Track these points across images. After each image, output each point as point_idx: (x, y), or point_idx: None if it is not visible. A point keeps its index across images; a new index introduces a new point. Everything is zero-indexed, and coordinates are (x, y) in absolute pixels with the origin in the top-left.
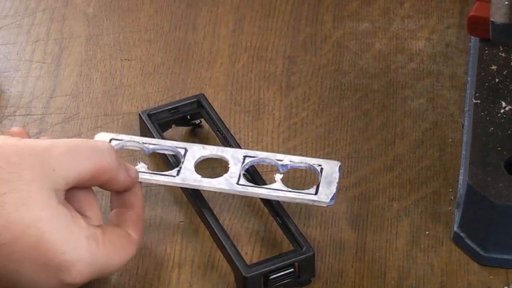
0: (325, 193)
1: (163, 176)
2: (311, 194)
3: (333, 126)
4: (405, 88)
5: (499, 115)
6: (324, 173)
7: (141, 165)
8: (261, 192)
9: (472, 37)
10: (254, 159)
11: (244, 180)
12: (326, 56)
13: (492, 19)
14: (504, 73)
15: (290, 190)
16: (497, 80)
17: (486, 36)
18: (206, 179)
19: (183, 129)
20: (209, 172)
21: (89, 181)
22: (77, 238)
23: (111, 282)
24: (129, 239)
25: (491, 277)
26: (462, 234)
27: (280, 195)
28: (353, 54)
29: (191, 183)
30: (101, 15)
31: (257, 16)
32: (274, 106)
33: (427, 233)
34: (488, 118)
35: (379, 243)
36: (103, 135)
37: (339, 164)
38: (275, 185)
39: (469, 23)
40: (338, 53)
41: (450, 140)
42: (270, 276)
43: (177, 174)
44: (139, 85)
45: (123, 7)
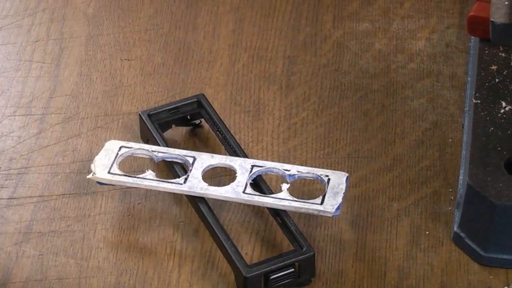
0: (330, 203)
1: (170, 184)
2: (316, 204)
3: (333, 126)
4: (405, 88)
5: (499, 115)
6: (331, 184)
7: (149, 172)
8: (267, 201)
9: (472, 37)
10: (262, 168)
11: (250, 189)
12: (326, 56)
13: (492, 19)
14: (504, 73)
15: (296, 199)
16: (497, 80)
17: (486, 36)
18: (213, 187)
19: (183, 129)
20: (216, 181)
21: None
22: None
23: (111, 282)
24: None
25: (491, 277)
26: (462, 234)
27: (286, 204)
28: (353, 54)
29: (197, 191)
30: (101, 15)
31: (257, 16)
32: (274, 106)
33: (427, 233)
34: (488, 118)
35: (379, 243)
36: (113, 143)
37: (347, 175)
38: (281, 195)
39: (469, 23)
40: (338, 53)
41: (450, 140)
42: (270, 276)
43: (184, 182)
44: (139, 85)
45: (123, 7)
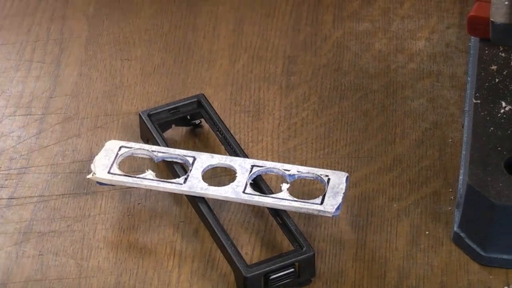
0: (330, 203)
1: (170, 184)
2: (316, 204)
3: (333, 126)
4: (405, 88)
5: (499, 115)
6: (331, 184)
7: (149, 172)
8: (267, 201)
9: (472, 37)
10: (262, 168)
11: (250, 189)
12: (326, 56)
13: (492, 19)
14: (504, 73)
15: (296, 199)
16: (497, 80)
17: (486, 36)
18: (213, 187)
19: (183, 129)
20: (216, 181)
21: None
22: None
23: (111, 282)
24: None
25: (491, 277)
26: (462, 234)
27: (285, 204)
28: (353, 54)
29: (197, 191)
30: (101, 15)
31: (257, 16)
32: (274, 106)
33: (427, 233)
34: (488, 118)
35: (379, 243)
36: (112, 143)
37: (347, 175)
38: (281, 195)
39: (469, 23)
40: (338, 53)
41: (450, 140)
42: (270, 276)
43: (184, 182)
44: (139, 85)
45: (123, 7)
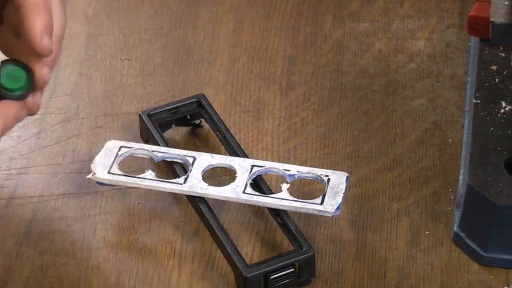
0: (330, 203)
1: (170, 184)
2: (316, 204)
3: (333, 126)
4: (405, 88)
5: (499, 115)
6: (331, 184)
7: (149, 172)
8: (267, 201)
9: (472, 37)
10: (262, 168)
11: (250, 189)
12: (326, 56)
13: (492, 19)
14: (504, 73)
15: (296, 199)
16: (497, 80)
17: (486, 36)
18: (213, 188)
19: (183, 129)
20: (216, 181)
21: None
22: None
23: (111, 282)
24: None
25: (491, 277)
26: (462, 234)
27: (285, 204)
28: (353, 54)
29: (197, 191)
30: (101, 15)
31: (257, 16)
32: (274, 106)
33: (427, 233)
34: (488, 118)
35: (379, 243)
36: (112, 143)
37: (347, 175)
38: (281, 195)
39: (469, 23)
40: (338, 53)
41: (450, 140)
42: (270, 276)
43: (184, 182)
44: (139, 85)
45: (123, 7)
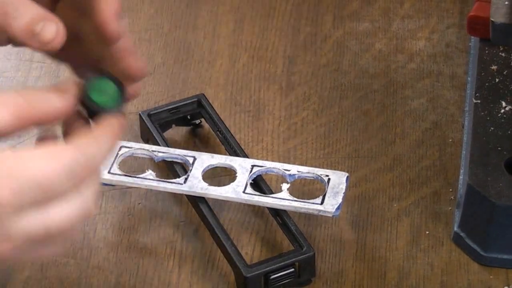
0: (331, 203)
1: (170, 184)
2: (317, 204)
3: (333, 126)
4: (405, 88)
5: (499, 115)
6: (331, 184)
7: (149, 172)
8: (267, 201)
9: (472, 37)
10: (262, 168)
11: (250, 189)
12: (326, 56)
13: (492, 19)
14: (504, 73)
15: (296, 199)
16: (497, 80)
17: (486, 36)
18: (213, 187)
19: (183, 129)
20: (216, 181)
21: None
22: None
23: (111, 282)
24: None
25: (491, 277)
26: (462, 234)
27: (286, 204)
28: (353, 54)
29: (198, 191)
30: None
31: (257, 16)
32: (274, 106)
33: (427, 233)
34: (488, 118)
35: (379, 243)
36: None
37: (347, 175)
38: (281, 195)
39: (469, 23)
40: (338, 53)
41: (450, 140)
42: (270, 276)
43: (184, 182)
44: None
45: (123, 7)
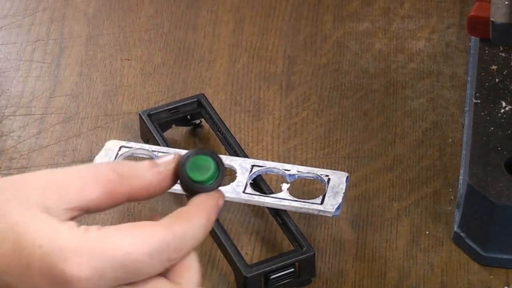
0: (331, 203)
1: None
2: (316, 204)
3: (333, 126)
4: (405, 88)
5: (499, 115)
6: (331, 184)
7: None
8: (267, 201)
9: (472, 37)
10: (262, 168)
11: (250, 189)
12: (326, 56)
13: (492, 19)
14: (504, 73)
15: (296, 199)
16: (497, 80)
17: (486, 36)
18: None
19: (183, 129)
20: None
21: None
22: (54, 227)
23: None
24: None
25: (491, 277)
26: (462, 234)
27: (286, 204)
28: (353, 54)
29: None
30: (101, 15)
31: (257, 16)
32: (274, 106)
33: (427, 233)
34: (488, 118)
35: (379, 243)
36: (113, 143)
37: (347, 175)
38: (281, 194)
39: (469, 23)
40: (338, 53)
41: (450, 140)
42: (270, 276)
43: None
44: (139, 85)
45: (123, 7)
